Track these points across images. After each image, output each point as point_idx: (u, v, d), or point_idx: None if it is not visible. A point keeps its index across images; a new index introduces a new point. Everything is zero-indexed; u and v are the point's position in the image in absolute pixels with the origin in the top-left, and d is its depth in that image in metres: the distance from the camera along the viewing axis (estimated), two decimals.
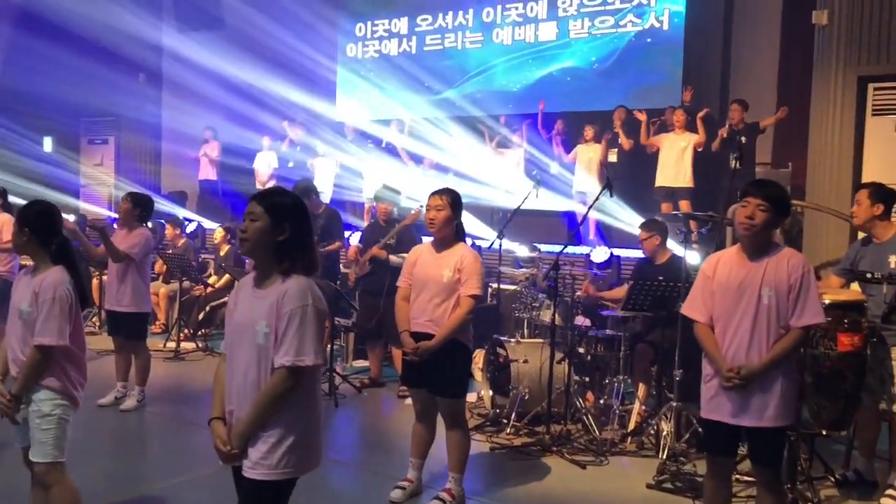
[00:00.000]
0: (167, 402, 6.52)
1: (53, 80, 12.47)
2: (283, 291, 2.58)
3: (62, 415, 3.36)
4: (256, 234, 2.62)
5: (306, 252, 2.68)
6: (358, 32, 13.44)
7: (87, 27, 12.10)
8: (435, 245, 4.36)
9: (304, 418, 2.67)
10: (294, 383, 2.58)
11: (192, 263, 8.91)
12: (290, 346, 2.55)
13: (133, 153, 13.28)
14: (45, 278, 3.33)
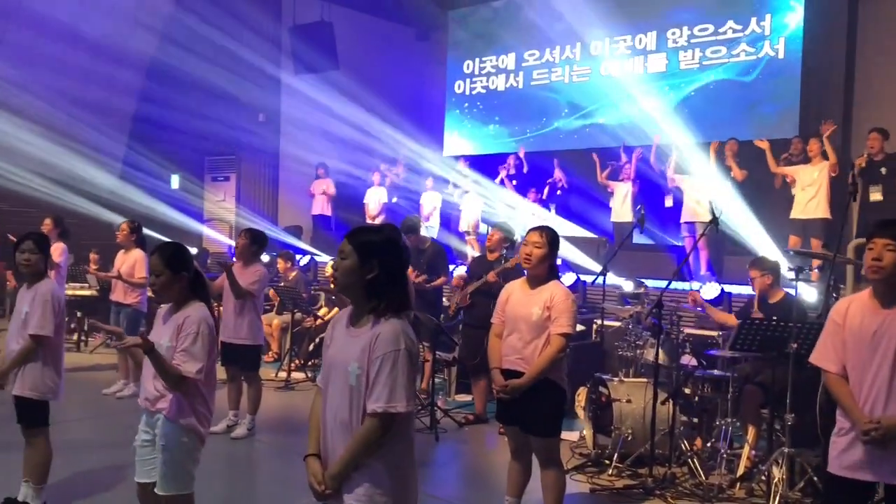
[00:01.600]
0: (277, 431, 6.73)
1: (181, 121, 13.32)
2: (375, 335, 2.56)
3: (191, 451, 3.48)
4: (345, 273, 2.61)
5: (397, 289, 2.64)
6: (466, 69, 13.68)
7: (212, 71, 12.88)
8: (528, 282, 4.36)
9: (398, 460, 2.64)
10: (386, 430, 2.56)
11: (303, 296, 9.23)
12: (381, 391, 2.52)
13: (252, 189, 13.94)
14: (189, 314, 3.45)
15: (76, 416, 6.66)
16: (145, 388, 3.53)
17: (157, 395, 3.48)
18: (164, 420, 3.46)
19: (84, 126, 13.19)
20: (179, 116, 13.32)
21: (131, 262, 7.53)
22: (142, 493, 3.58)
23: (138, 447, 3.58)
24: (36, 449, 4.48)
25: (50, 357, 4.42)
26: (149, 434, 3.55)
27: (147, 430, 3.56)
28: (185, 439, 3.47)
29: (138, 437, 3.59)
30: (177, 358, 3.39)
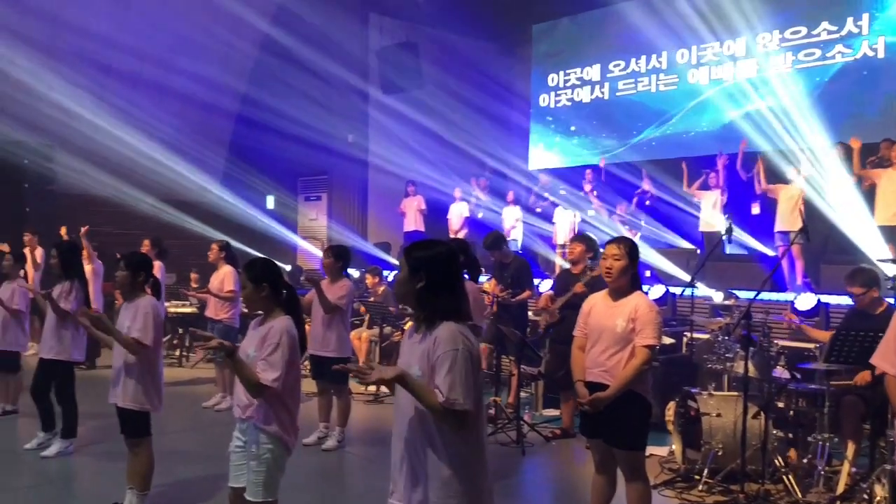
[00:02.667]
0: (366, 443, 6.87)
1: (275, 145, 13.82)
2: (433, 338, 2.64)
3: (277, 458, 3.62)
4: (399, 284, 2.79)
5: (446, 298, 2.70)
6: (550, 83, 13.68)
7: (304, 96, 13.33)
8: (611, 294, 4.33)
9: (468, 464, 2.67)
10: (456, 426, 2.60)
11: (391, 310, 9.39)
12: (441, 386, 2.57)
13: (343, 207, 14.29)
14: (273, 325, 3.62)
15: (178, 428, 6.97)
16: (237, 397, 3.72)
17: (247, 402, 3.65)
18: (252, 427, 3.64)
19: (185, 151, 13.86)
20: (274, 140, 13.83)
21: (220, 277, 7.87)
22: (234, 498, 3.75)
23: (232, 453, 3.76)
24: (139, 458, 4.74)
25: (149, 370, 4.68)
26: (241, 441, 3.72)
27: (239, 437, 3.73)
28: (272, 446, 3.61)
29: (232, 444, 3.77)
30: (258, 366, 3.54)
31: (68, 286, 6.16)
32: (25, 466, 5.96)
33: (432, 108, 13.40)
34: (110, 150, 13.56)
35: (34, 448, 6.19)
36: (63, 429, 6.17)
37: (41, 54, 11.80)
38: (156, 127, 13.31)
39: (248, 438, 3.66)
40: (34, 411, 6.67)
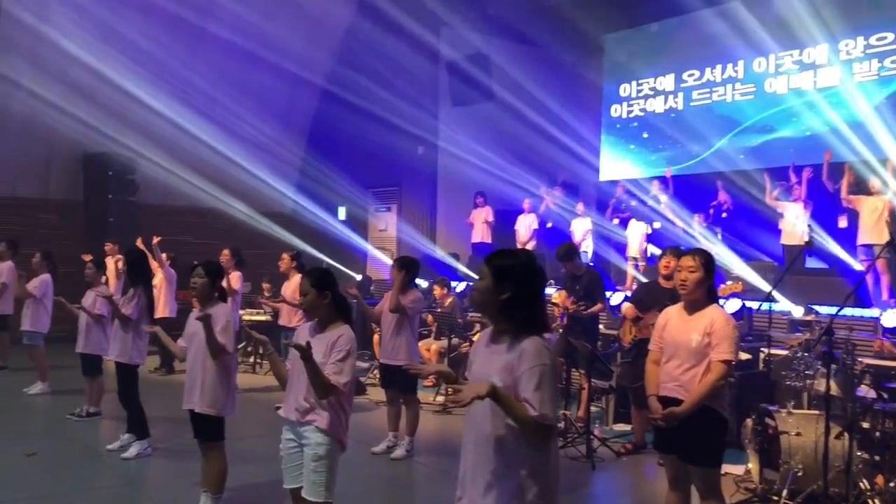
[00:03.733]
0: (434, 453, 6.87)
1: (347, 157, 14.04)
2: (518, 352, 2.62)
3: (334, 457, 3.73)
4: (480, 292, 2.73)
5: (532, 311, 2.70)
6: (622, 93, 13.52)
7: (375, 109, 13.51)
8: (686, 307, 4.23)
9: (548, 476, 2.66)
10: (541, 439, 2.60)
11: (458, 321, 9.39)
12: (533, 401, 2.55)
13: (412, 218, 14.40)
14: (343, 333, 3.74)
15: (251, 433, 7.10)
16: (295, 401, 3.78)
17: (308, 406, 3.72)
18: (315, 430, 3.72)
19: (260, 164, 14.21)
20: (346, 152, 14.05)
21: (293, 287, 8.02)
22: (294, 499, 3.85)
23: (285, 455, 3.85)
24: (213, 462, 4.85)
25: (225, 376, 4.79)
26: (294, 443, 3.82)
27: (292, 439, 3.82)
28: (331, 448, 3.73)
29: (284, 446, 3.86)
30: (328, 369, 3.63)
31: (132, 293, 6.43)
32: (107, 467, 6.17)
33: (502, 119, 13.41)
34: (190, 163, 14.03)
35: (116, 449, 6.41)
36: (135, 430, 6.37)
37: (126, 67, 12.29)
38: (233, 140, 13.69)
39: (305, 441, 3.75)
40: (118, 413, 6.93)
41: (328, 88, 14.58)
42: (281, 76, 13.73)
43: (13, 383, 9.26)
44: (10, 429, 7.33)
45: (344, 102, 14.07)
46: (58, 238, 12.23)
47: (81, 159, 13.20)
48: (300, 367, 3.71)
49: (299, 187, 15.54)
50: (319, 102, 14.91)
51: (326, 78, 14.62)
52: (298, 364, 3.74)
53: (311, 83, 14.39)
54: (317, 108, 15.01)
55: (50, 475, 5.95)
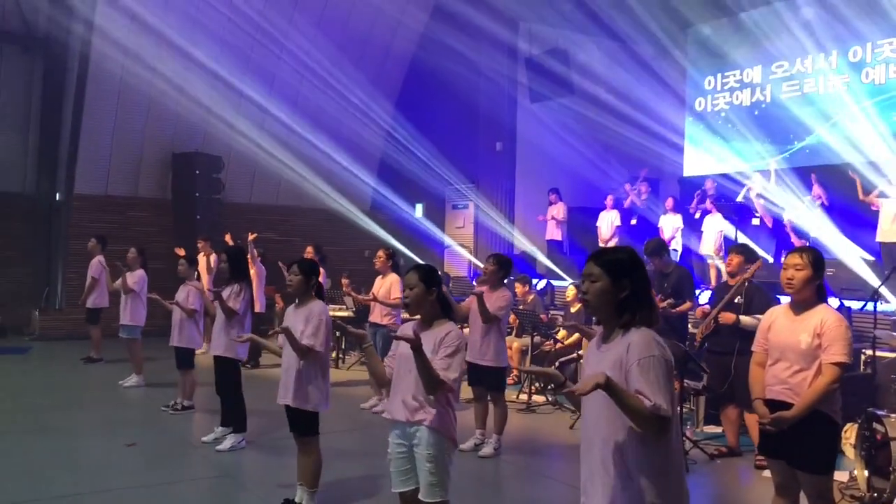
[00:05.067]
0: (521, 451, 6.82)
1: (424, 154, 14.09)
2: (626, 344, 2.57)
3: (447, 456, 3.67)
4: (598, 295, 2.66)
5: (646, 306, 2.66)
6: (707, 86, 13.18)
7: (452, 105, 13.52)
8: (793, 307, 4.06)
9: (671, 469, 2.60)
10: (660, 432, 2.53)
11: (541, 318, 9.30)
12: (646, 392, 2.49)
13: (490, 216, 14.35)
14: (451, 331, 3.67)
15: (337, 428, 7.18)
16: (402, 400, 3.69)
17: (417, 406, 3.65)
18: (426, 430, 3.63)
19: (338, 161, 14.39)
20: (423, 149, 14.11)
21: (388, 285, 8.05)
22: (405, 502, 3.78)
23: (393, 459, 3.76)
24: (309, 456, 4.91)
25: (320, 371, 4.84)
26: (402, 446, 3.72)
27: (401, 442, 3.73)
28: (444, 446, 3.65)
29: (392, 449, 3.77)
30: (437, 364, 3.55)
31: (237, 288, 6.50)
32: (203, 459, 6.32)
33: (582, 114, 13.24)
34: (272, 162, 14.32)
35: (210, 442, 6.56)
36: (234, 424, 6.51)
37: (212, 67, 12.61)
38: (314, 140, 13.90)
39: (416, 442, 3.66)
40: (210, 406, 7.10)
41: (406, 87, 14.66)
42: (361, 73, 13.86)
43: (108, 375, 9.60)
44: (110, 420, 7.60)
45: (422, 100, 14.14)
46: (147, 235, 12.65)
47: (170, 159, 13.61)
48: (406, 365, 3.66)
49: (378, 184, 15.68)
50: (398, 101, 15.00)
51: (405, 76, 14.70)
52: (404, 362, 3.70)
53: (389, 81, 14.49)
54: (395, 107, 15.11)
55: (149, 465, 6.14)
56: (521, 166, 14.11)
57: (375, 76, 14.26)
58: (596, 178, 13.53)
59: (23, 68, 13.73)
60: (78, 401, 8.45)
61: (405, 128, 14.45)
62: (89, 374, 10.03)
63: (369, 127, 15.21)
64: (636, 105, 12.71)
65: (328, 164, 14.23)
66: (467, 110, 13.72)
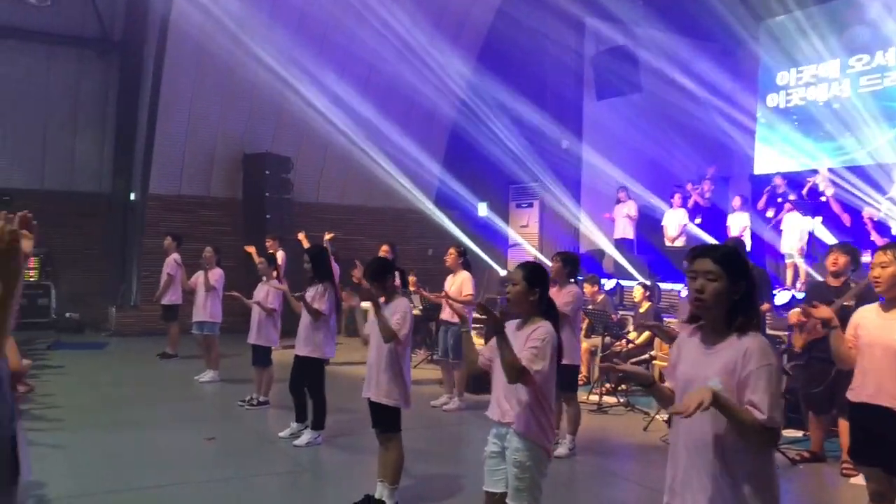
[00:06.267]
0: (594, 452, 6.76)
1: (488, 152, 14.08)
2: (742, 350, 2.50)
3: (538, 464, 3.61)
4: (715, 295, 2.57)
5: (756, 309, 2.61)
6: (780, 81, 12.85)
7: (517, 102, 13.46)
8: (883, 306, 3.93)
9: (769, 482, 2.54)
10: (769, 442, 2.50)
11: (612, 318, 9.20)
12: (762, 403, 2.43)
13: (554, 214, 14.26)
14: (541, 326, 3.62)
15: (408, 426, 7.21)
16: (497, 400, 3.69)
17: (508, 408, 3.63)
18: (513, 434, 3.61)
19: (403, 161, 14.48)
20: (487, 147, 14.09)
21: (459, 282, 8.04)
22: (491, 502, 3.76)
23: (487, 458, 3.75)
24: (390, 452, 4.94)
25: (401, 367, 4.88)
26: (497, 446, 3.70)
27: (496, 442, 3.71)
28: (532, 453, 3.58)
29: (487, 448, 3.76)
30: (523, 354, 3.51)
31: (322, 289, 6.55)
32: (280, 454, 6.43)
33: (649, 111, 13.05)
34: (339, 162, 14.50)
35: (287, 437, 6.67)
36: (313, 421, 6.60)
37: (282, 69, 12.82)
38: (380, 138, 14.02)
39: (507, 444, 3.64)
40: (285, 402, 7.22)
41: (471, 83, 14.67)
42: (425, 73, 13.92)
43: (183, 371, 9.84)
44: (188, 414, 7.79)
45: (486, 97, 14.12)
46: (219, 234, 12.91)
47: (241, 159, 13.89)
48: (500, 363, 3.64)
49: (442, 183, 15.73)
50: (462, 98, 15.01)
51: (469, 73, 14.71)
52: (499, 360, 3.66)
53: (454, 78, 14.51)
54: (459, 104, 15.12)
55: (228, 459, 6.28)
56: (588, 164, 13.97)
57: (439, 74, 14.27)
58: (663, 176, 13.33)
59: (100, 73, 14.24)
60: (156, 395, 8.69)
61: (469, 125, 14.46)
62: (165, 370, 10.30)
63: (433, 125, 15.25)
64: (706, 102, 12.46)
65: (393, 164, 14.33)
66: (532, 108, 13.64)
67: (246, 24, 12.25)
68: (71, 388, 8.63)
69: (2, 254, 2.03)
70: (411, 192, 14.81)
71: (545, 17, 12.77)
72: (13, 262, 2.05)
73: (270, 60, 12.59)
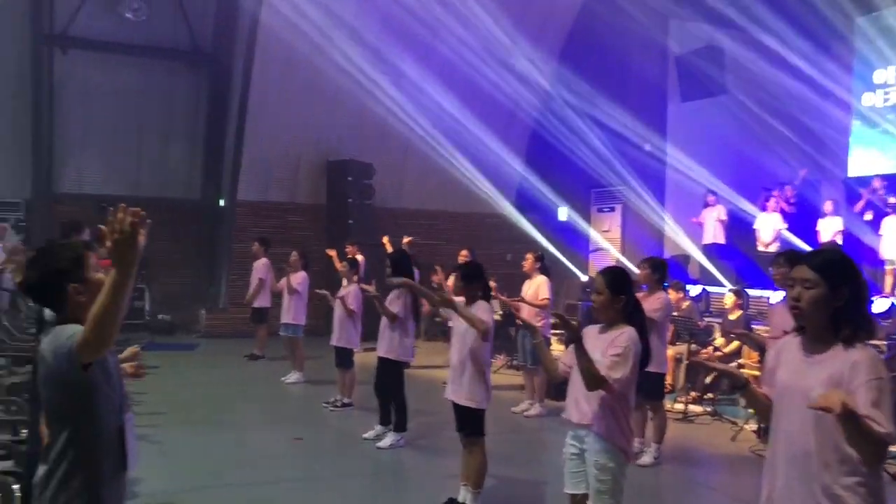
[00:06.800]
0: (679, 461, 6.61)
1: (569, 156, 13.96)
2: (849, 362, 2.40)
3: (619, 466, 3.60)
4: (812, 303, 2.47)
5: (865, 317, 2.49)
6: (877, 80, 12.30)
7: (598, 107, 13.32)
8: None
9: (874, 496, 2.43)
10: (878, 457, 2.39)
11: (698, 325, 8.98)
12: (878, 418, 2.31)
13: (637, 219, 14.02)
14: (624, 332, 3.58)
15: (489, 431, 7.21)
16: (576, 402, 3.69)
17: (588, 410, 3.62)
18: (594, 437, 3.60)
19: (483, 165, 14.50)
20: (567, 151, 13.98)
21: (535, 286, 8.01)
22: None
23: (567, 459, 3.76)
24: (474, 456, 4.96)
25: (482, 369, 4.89)
26: (575, 448, 3.71)
27: (574, 444, 3.72)
28: (613, 456, 3.58)
29: (566, 450, 3.76)
30: (606, 361, 3.49)
31: (397, 292, 6.65)
32: (364, 455, 6.52)
33: (736, 113, 12.68)
34: (420, 167, 14.64)
35: (371, 439, 6.76)
36: (395, 423, 6.67)
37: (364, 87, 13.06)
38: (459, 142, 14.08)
39: (586, 447, 3.64)
40: (368, 404, 7.31)
41: (552, 86, 14.58)
42: (506, 76, 13.92)
43: (270, 372, 10.09)
44: (275, 415, 8.00)
45: (567, 100, 14.02)
46: (304, 238, 13.20)
47: (325, 166, 14.18)
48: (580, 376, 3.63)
49: (521, 187, 15.68)
50: (542, 101, 14.93)
51: (550, 76, 14.63)
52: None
53: (534, 82, 14.45)
54: (540, 107, 15.04)
55: (314, 459, 6.41)
56: (673, 166, 13.69)
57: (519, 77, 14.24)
58: (752, 179, 12.92)
59: (191, 84, 14.80)
60: (244, 395, 8.94)
61: (549, 128, 14.38)
62: (253, 370, 10.59)
63: (513, 127, 15.20)
64: (796, 102, 12.03)
65: (473, 168, 14.37)
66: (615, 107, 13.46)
67: (330, 32, 12.51)
68: (164, 388, 8.95)
69: (121, 242, 2.16)
70: (491, 196, 14.82)
71: (629, 14, 12.58)
72: (130, 252, 2.18)
73: (352, 68, 12.82)
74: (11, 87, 13.38)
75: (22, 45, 13.28)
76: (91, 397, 2.41)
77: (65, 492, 2.40)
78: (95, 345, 2.27)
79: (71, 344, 2.31)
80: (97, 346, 2.29)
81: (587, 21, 14.17)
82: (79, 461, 2.41)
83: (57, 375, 2.38)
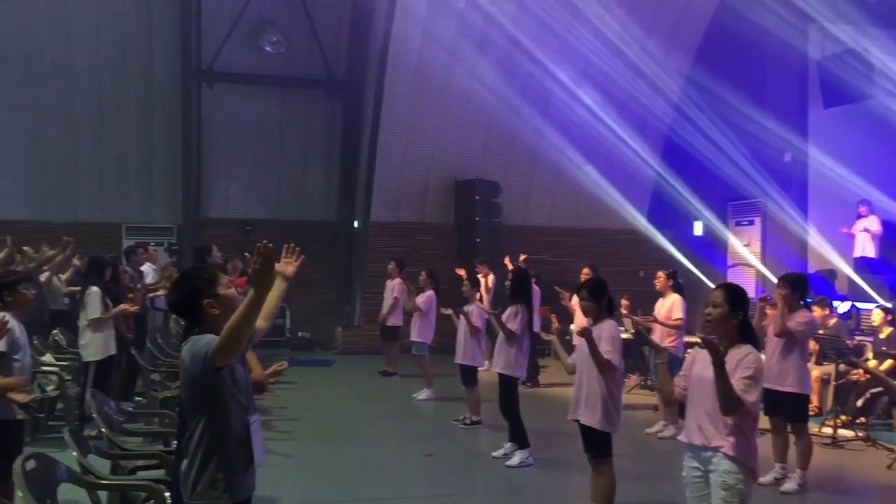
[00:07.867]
0: (828, 490, 6.24)
1: (704, 169, 13.50)
2: None
3: (746, 486, 3.54)
4: None
5: None
6: None
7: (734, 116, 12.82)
8: None
9: None
10: None
11: (847, 345, 8.42)
12: None
13: (779, 232, 13.35)
14: (750, 353, 3.58)
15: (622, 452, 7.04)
16: (700, 426, 3.63)
17: (714, 432, 3.57)
18: (723, 457, 3.55)
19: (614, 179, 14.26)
20: (702, 163, 13.53)
21: (668, 305, 7.81)
22: None
23: (689, 483, 3.72)
24: (602, 478, 4.89)
25: (611, 392, 4.80)
26: (698, 471, 3.66)
27: (696, 467, 3.67)
28: (742, 475, 3.54)
29: (687, 473, 3.73)
30: (736, 385, 3.46)
31: (514, 310, 6.75)
32: (494, 473, 6.54)
33: (885, 118, 11.87)
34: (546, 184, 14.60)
35: (500, 457, 6.77)
36: (517, 440, 6.66)
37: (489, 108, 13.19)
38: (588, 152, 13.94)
39: (712, 468, 3.60)
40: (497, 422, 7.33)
41: (685, 94, 14.18)
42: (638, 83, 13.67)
43: (402, 388, 10.31)
44: (408, 430, 8.16)
45: (701, 109, 13.59)
46: (434, 258, 13.42)
47: (453, 186, 14.39)
48: (703, 388, 3.61)
49: (654, 202, 15.30)
50: (675, 110, 14.52)
51: (683, 84, 14.25)
52: (700, 385, 3.65)
53: (666, 91, 14.11)
54: (673, 117, 14.64)
55: (445, 476, 6.48)
56: (815, 177, 12.95)
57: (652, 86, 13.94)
58: None
59: (326, 110, 15.48)
60: (378, 411, 9.17)
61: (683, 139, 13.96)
62: (386, 387, 10.85)
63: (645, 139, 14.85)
64: None
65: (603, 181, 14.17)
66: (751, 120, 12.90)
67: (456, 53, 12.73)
68: (301, 402, 9.33)
69: (259, 272, 2.64)
70: (622, 210, 14.53)
71: (767, 15, 12.07)
72: (266, 279, 2.67)
73: (479, 86, 12.97)
74: (165, 122, 14.50)
75: (173, 83, 14.34)
76: (221, 395, 2.84)
77: (202, 477, 2.83)
78: (229, 350, 2.72)
79: (207, 349, 2.75)
80: (230, 352, 2.73)
81: (720, 26, 13.70)
82: (212, 447, 2.84)
83: (194, 376, 2.81)
